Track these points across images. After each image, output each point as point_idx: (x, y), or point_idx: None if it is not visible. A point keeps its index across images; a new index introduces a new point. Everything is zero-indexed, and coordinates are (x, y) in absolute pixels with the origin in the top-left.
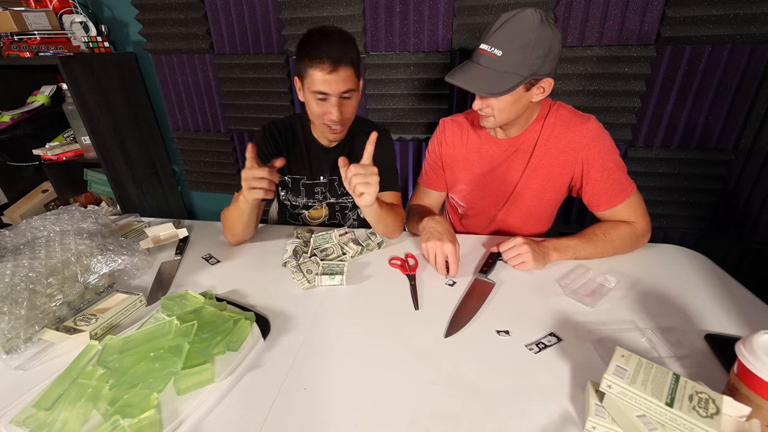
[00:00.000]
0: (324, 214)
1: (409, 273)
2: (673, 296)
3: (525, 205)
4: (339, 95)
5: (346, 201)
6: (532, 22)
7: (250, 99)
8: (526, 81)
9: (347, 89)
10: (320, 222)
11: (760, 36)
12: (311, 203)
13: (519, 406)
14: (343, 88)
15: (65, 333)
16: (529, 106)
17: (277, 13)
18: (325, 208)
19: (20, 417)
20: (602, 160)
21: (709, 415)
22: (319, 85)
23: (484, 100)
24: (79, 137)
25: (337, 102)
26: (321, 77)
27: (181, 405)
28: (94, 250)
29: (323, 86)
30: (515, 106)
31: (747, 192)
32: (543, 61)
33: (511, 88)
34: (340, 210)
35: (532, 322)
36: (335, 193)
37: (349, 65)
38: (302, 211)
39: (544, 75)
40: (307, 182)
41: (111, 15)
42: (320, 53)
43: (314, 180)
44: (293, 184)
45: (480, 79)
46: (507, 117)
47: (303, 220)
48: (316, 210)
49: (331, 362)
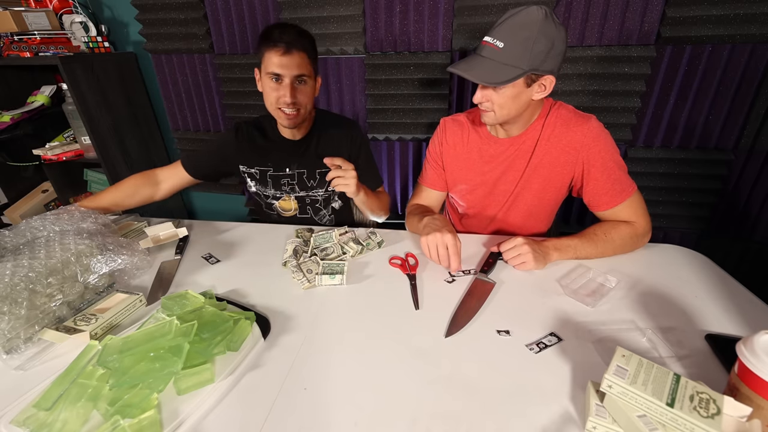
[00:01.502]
0: (294, 206)
1: (410, 273)
2: (674, 296)
3: (525, 204)
4: (292, 78)
5: (316, 194)
6: (536, 17)
7: (250, 99)
8: (526, 75)
9: (300, 73)
10: (292, 214)
11: (760, 36)
12: (279, 194)
13: (519, 406)
14: (296, 72)
15: (65, 333)
16: (530, 105)
17: (277, 13)
18: (294, 201)
19: (20, 417)
20: (603, 160)
21: (709, 415)
22: (273, 66)
23: (485, 92)
24: (79, 137)
25: (290, 85)
26: (275, 59)
27: (181, 405)
28: (94, 250)
29: (277, 68)
30: (516, 103)
31: (747, 192)
32: (545, 56)
33: (510, 79)
34: (310, 203)
35: (533, 322)
36: (304, 186)
37: (302, 51)
38: (272, 202)
39: (545, 71)
40: (273, 173)
41: (111, 15)
42: (275, 38)
43: (280, 171)
44: (260, 175)
45: (480, 69)
46: (507, 113)
47: (276, 211)
48: (285, 201)
49: (332, 362)
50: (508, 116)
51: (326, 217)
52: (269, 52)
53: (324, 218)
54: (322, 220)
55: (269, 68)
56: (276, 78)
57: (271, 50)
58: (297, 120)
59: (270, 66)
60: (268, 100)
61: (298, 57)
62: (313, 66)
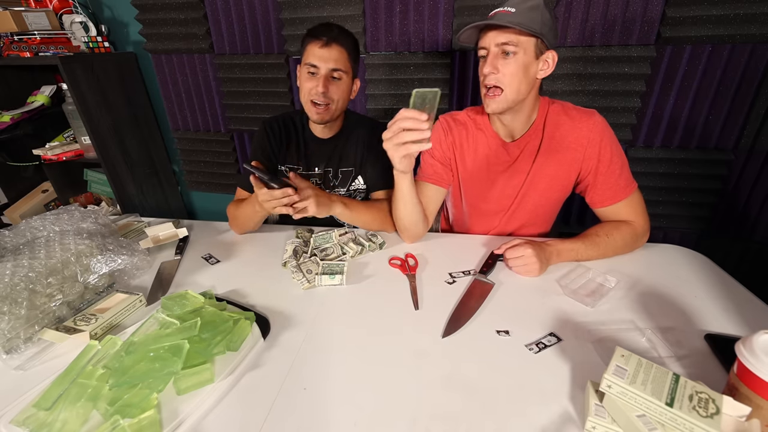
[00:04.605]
0: None
1: (409, 273)
2: (673, 296)
3: (531, 205)
4: (328, 71)
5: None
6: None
7: (250, 99)
8: (539, 38)
9: (336, 67)
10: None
11: (760, 36)
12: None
13: (519, 406)
14: (332, 65)
15: (65, 333)
16: (534, 87)
17: (277, 13)
18: None
19: (20, 417)
20: (610, 155)
21: (709, 415)
22: (310, 57)
23: (495, 62)
24: (79, 137)
25: (324, 77)
26: (314, 51)
27: (181, 405)
28: (94, 250)
29: (314, 59)
30: (525, 76)
31: (747, 192)
32: (550, 27)
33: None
34: None
35: (532, 322)
36: (328, 185)
37: (342, 46)
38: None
39: (550, 44)
40: (302, 173)
41: (111, 15)
42: (319, 32)
43: (310, 171)
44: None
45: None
46: (516, 90)
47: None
48: None
49: (331, 362)
50: (517, 95)
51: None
52: (311, 44)
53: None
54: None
55: (307, 59)
56: (312, 70)
57: (312, 42)
58: (326, 115)
59: (308, 57)
60: (302, 93)
61: (336, 51)
62: (352, 65)
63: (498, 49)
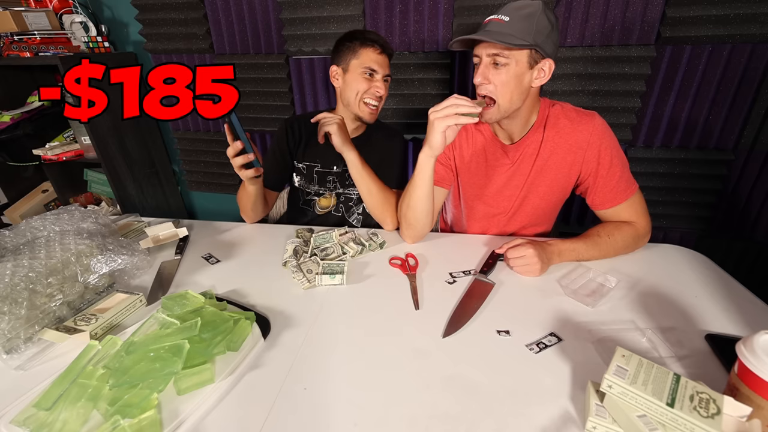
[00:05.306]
0: (332, 203)
1: (409, 273)
2: (674, 296)
3: (531, 207)
4: (384, 76)
5: (351, 193)
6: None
7: (250, 99)
8: (532, 49)
9: (388, 74)
10: (327, 212)
11: (760, 36)
12: (322, 191)
13: (519, 406)
14: (387, 71)
15: (65, 333)
16: (530, 95)
17: (277, 13)
18: (334, 197)
19: (20, 417)
20: (610, 157)
21: (709, 415)
22: (371, 62)
23: (486, 72)
24: (79, 137)
25: (383, 80)
26: (374, 56)
27: (181, 405)
28: (94, 250)
29: (374, 64)
30: (518, 86)
31: (747, 192)
32: (546, 35)
33: (518, 44)
34: (344, 201)
35: (533, 322)
36: (344, 184)
37: (390, 56)
38: (314, 198)
39: (546, 53)
40: (320, 170)
41: (111, 15)
42: (373, 38)
43: (328, 169)
44: (307, 170)
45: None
46: (510, 100)
47: (313, 208)
48: (326, 199)
49: (332, 362)
50: (510, 104)
51: (355, 215)
52: (366, 49)
53: (353, 216)
54: (351, 218)
55: (367, 63)
56: (371, 73)
57: (368, 48)
58: (375, 115)
59: (368, 61)
60: (355, 92)
61: (388, 59)
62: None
63: (489, 59)
